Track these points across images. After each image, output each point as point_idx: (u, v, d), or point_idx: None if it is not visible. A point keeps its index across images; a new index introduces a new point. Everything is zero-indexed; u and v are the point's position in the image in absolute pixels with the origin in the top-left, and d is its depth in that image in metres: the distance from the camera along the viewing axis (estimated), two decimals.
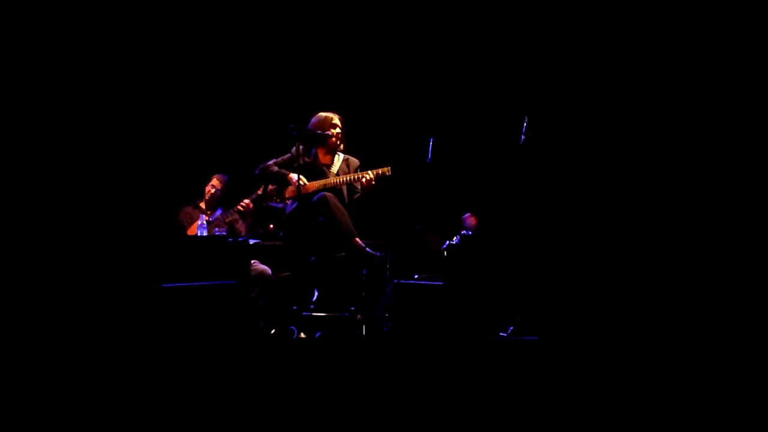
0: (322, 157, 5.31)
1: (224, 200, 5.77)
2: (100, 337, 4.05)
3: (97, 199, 5.11)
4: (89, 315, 4.28)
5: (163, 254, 4.51)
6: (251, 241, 5.13)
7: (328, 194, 4.98)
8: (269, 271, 5.22)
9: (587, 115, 5.62)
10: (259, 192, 5.28)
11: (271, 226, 5.34)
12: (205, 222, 5.28)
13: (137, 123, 5.65)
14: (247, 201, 5.51)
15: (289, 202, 5.17)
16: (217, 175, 5.82)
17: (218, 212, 5.70)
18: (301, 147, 5.03)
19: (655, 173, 5.24)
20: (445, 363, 3.82)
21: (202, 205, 5.80)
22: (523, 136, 5.07)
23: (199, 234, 5.24)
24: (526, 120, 5.09)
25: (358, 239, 4.94)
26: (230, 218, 5.53)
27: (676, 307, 4.54)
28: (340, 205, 4.98)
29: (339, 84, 6.61)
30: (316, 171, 5.23)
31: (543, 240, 5.17)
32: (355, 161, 5.37)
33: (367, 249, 4.91)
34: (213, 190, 5.72)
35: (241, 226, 5.62)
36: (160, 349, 3.84)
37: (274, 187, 5.16)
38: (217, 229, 5.26)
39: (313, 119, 5.28)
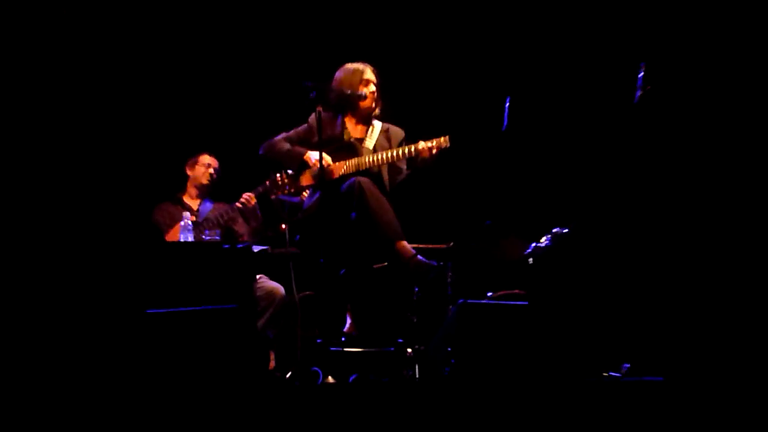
0: (353, 128, 5.42)
1: (214, 192, 5.88)
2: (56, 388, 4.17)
3: (41, 194, 5.27)
4: (43, 353, 4.40)
5: (135, 269, 4.64)
6: (256, 249, 5.15)
7: (362, 179, 5.05)
8: (282, 290, 5.30)
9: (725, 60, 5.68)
10: (267, 182, 5.35)
11: (284, 226, 5.34)
12: (190, 222, 5.33)
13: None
14: (248, 195, 5.61)
15: (307, 192, 5.25)
16: (205, 153, 5.92)
17: (207, 205, 5.80)
18: (322, 114, 5.07)
19: None
20: (532, 416, 3.85)
21: (187, 198, 5.89)
22: (638, 91, 5.06)
23: (183, 239, 5.29)
24: (643, 68, 5.07)
25: (405, 243, 4.99)
26: (227, 217, 5.63)
27: None
28: (380, 195, 5.05)
29: (372, 23, 6.72)
30: (346, 148, 5.32)
31: (676, 241, 5.20)
32: (398, 132, 5.47)
33: (419, 257, 4.96)
34: (204, 171, 5.83)
35: (241, 228, 5.73)
36: (134, 400, 3.95)
37: (286, 173, 5.26)
38: (207, 231, 5.32)
39: (338, 74, 5.39)
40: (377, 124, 5.42)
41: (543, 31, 6.70)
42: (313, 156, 5.19)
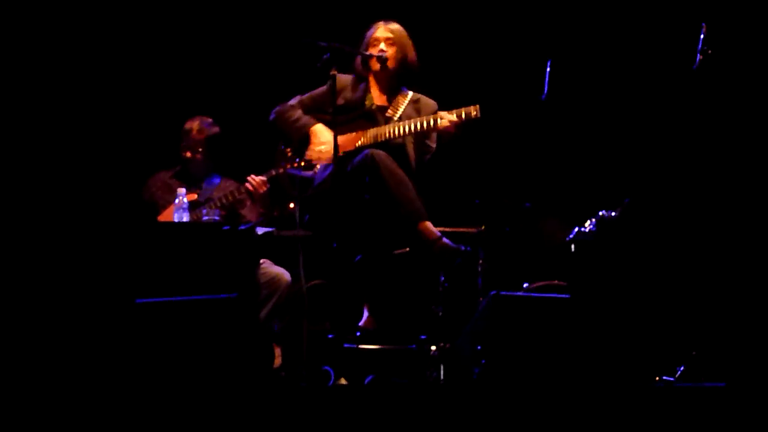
0: (378, 95, 5.41)
1: (222, 164, 5.91)
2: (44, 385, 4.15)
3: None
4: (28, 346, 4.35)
5: (123, 253, 4.56)
6: (260, 231, 5.12)
7: (376, 152, 5.01)
8: (287, 275, 5.29)
9: None
10: (277, 159, 5.37)
11: (292, 205, 5.37)
12: (186, 200, 5.29)
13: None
14: (260, 179, 5.56)
15: (319, 166, 5.22)
16: (199, 118, 5.89)
17: (214, 181, 5.82)
18: (347, 78, 5.22)
19: None
20: (572, 425, 3.82)
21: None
22: (699, 56, 5.00)
23: (177, 219, 5.27)
24: (704, 29, 5.03)
25: (428, 224, 4.93)
26: (232, 199, 5.60)
27: None
28: (397, 169, 5.00)
29: None
30: (365, 116, 5.32)
31: (743, 228, 5.18)
32: (430, 104, 5.44)
33: (445, 240, 4.91)
34: (200, 137, 5.77)
35: (248, 213, 5.75)
36: (128, 400, 3.90)
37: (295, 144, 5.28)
38: (205, 211, 5.33)
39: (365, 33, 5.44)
40: (408, 94, 5.43)
41: None
42: (318, 129, 5.24)
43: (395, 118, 5.30)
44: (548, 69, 5.36)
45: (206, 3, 6.66)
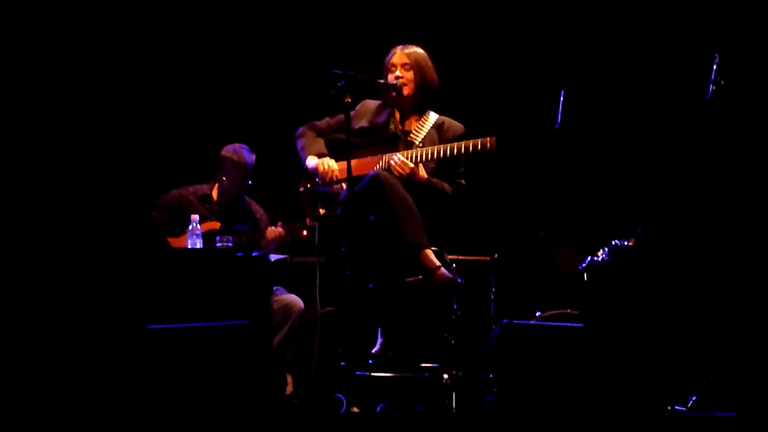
0: (401, 120, 5.40)
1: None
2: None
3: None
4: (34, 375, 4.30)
5: (141, 278, 4.53)
6: (273, 257, 5.24)
7: (382, 173, 5.01)
8: (300, 303, 5.36)
9: None
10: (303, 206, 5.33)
11: (305, 232, 5.43)
12: (199, 227, 5.30)
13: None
14: (278, 231, 5.63)
15: (344, 186, 5.19)
16: (239, 146, 5.92)
17: (241, 206, 5.80)
18: (373, 103, 5.24)
19: None
20: None
21: (215, 192, 5.90)
22: (711, 86, 4.98)
23: (191, 245, 5.27)
24: (717, 60, 5.00)
25: (429, 252, 4.91)
26: (250, 239, 5.67)
27: None
28: (403, 193, 4.97)
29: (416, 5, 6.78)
30: (388, 140, 5.29)
31: (758, 259, 5.14)
32: (455, 127, 5.39)
33: (442, 270, 4.89)
34: (241, 166, 5.83)
35: (266, 245, 5.80)
36: (141, 427, 3.94)
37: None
38: (219, 237, 5.32)
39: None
40: (432, 117, 5.38)
41: (604, 14, 6.71)
42: (312, 161, 5.22)
43: (417, 142, 5.29)
44: (562, 98, 5.30)
45: (223, 28, 6.69)
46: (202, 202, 5.89)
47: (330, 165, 5.19)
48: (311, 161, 5.20)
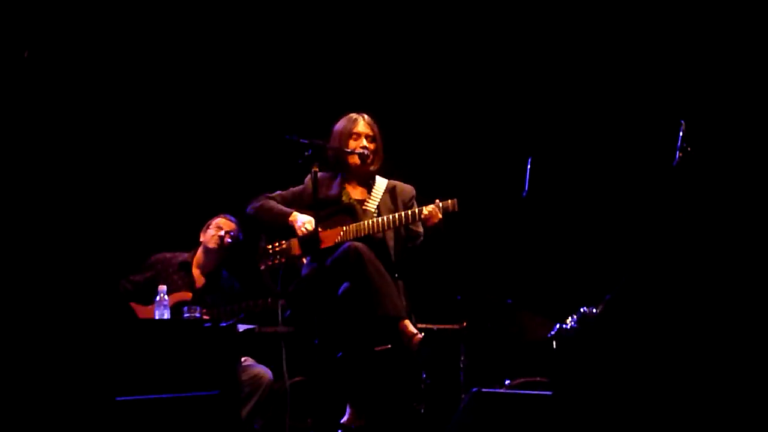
0: (353, 188, 5.45)
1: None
2: None
3: None
4: None
5: (108, 350, 4.50)
6: (242, 327, 5.14)
7: (358, 244, 5.05)
8: (269, 374, 5.27)
9: None
10: (260, 265, 5.32)
11: (270, 300, 5.42)
12: (166, 297, 5.27)
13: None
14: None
15: (305, 260, 5.23)
16: (222, 216, 5.91)
17: (219, 279, 5.77)
18: (321, 174, 5.06)
19: None
20: None
21: (195, 264, 5.85)
22: (678, 153, 5.01)
23: (158, 316, 5.24)
24: (683, 127, 5.02)
25: (407, 322, 4.93)
26: (224, 316, 5.61)
27: None
28: (379, 264, 5.00)
29: (380, 74, 6.80)
30: (344, 211, 5.32)
31: (729, 329, 5.05)
32: (407, 190, 5.47)
33: (419, 335, 4.90)
34: (213, 235, 5.81)
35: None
36: None
37: (277, 242, 5.24)
38: (186, 308, 5.26)
39: (335, 126, 5.42)
40: (381, 182, 5.45)
41: (570, 83, 6.78)
42: (299, 219, 5.21)
43: (372, 210, 5.32)
44: (529, 166, 5.36)
45: (193, 97, 6.72)
46: (179, 269, 5.85)
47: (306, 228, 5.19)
48: (300, 217, 5.19)
